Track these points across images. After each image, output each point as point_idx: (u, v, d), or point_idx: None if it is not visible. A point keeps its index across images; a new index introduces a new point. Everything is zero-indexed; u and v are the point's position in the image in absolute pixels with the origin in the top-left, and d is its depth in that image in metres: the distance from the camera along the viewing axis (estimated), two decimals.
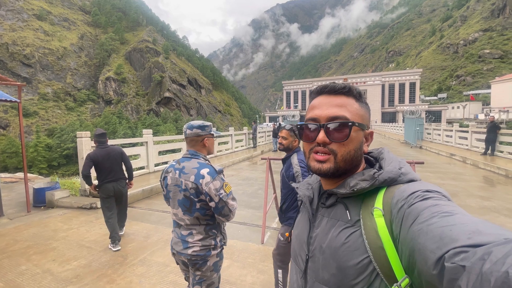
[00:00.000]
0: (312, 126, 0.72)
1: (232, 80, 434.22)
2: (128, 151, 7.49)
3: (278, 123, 19.10)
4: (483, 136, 11.66)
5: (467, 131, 13.99)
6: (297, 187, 0.86)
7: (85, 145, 6.36)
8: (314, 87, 0.72)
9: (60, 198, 5.95)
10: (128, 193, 4.82)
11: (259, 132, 18.67)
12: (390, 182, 0.64)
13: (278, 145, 2.51)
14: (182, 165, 1.79)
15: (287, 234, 1.48)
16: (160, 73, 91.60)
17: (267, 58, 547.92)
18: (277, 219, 4.85)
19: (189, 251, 1.74)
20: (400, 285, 0.53)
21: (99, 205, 5.51)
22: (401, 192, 0.60)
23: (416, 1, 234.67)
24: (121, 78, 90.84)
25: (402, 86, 67.17)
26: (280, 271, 2.53)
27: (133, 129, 66.17)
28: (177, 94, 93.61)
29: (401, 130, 26.83)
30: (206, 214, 1.77)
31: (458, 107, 76.29)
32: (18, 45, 72.86)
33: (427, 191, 0.57)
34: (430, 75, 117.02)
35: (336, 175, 0.70)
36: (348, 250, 0.62)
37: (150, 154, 8.70)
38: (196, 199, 1.72)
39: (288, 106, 78.09)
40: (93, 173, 3.88)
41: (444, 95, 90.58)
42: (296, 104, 76.33)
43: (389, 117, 64.79)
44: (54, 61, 79.26)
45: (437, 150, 14.46)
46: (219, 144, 13.46)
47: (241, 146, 16.19)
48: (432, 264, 0.44)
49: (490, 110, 65.67)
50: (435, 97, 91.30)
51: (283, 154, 2.57)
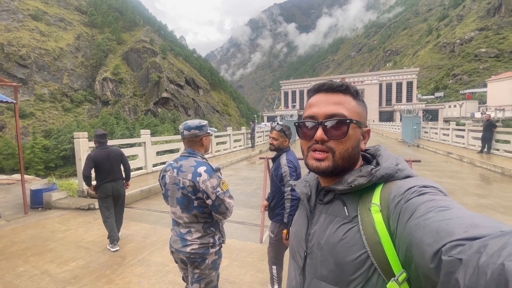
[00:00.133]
0: (310, 123, 0.72)
1: (230, 80, 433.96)
2: (126, 152, 7.45)
3: (276, 123, 19.07)
4: (480, 135, 11.74)
5: (463, 130, 14.07)
6: (294, 185, 0.86)
7: (83, 146, 6.34)
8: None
9: (58, 199, 5.92)
10: (126, 193, 4.81)
11: (257, 132, 18.67)
12: (387, 178, 0.65)
13: (269, 145, 2.60)
14: (180, 163, 1.82)
15: (284, 232, 1.49)
16: (157, 73, 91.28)
17: (265, 58, 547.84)
18: None
19: (188, 249, 1.76)
20: (397, 279, 0.54)
21: (97, 206, 5.49)
22: (398, 188, 0.60)
23: (413, 1, 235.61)
24: (118, 79, 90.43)
25: (399, 85, 67.48)
26: (274, 267, 2.58)
27: (130, 130, 65.94)
28: (175, 94, 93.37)
29: (399, 129, 26.95)
30: (204, 212, 1.78)
31: (455, 106, 76.75)
32: (14, 45, 72.28)
33: (424, 186, 0.58)
34: (427, 74, 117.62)
35: (334, 173, 0.70)
36: (346, 246, 0.62)
37: (148, 155, 8.68)
38: (193, 197, 1.74)
39: (286, 105, 78.21)
40: (92, 173, 3.88)
41: (441, 94, 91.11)
42: (294, 104, 76.47)
43: (386, 116, 65.10)
44: (50, 61, 78.72)
45: (434, 148, 14.53)
46: (217, 144, 13.44)
47: (239, 146, 16.18)
48: (429, 257, 0.45)
49: (487, 109, 66.15)
50: (432, 96, 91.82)
51: None
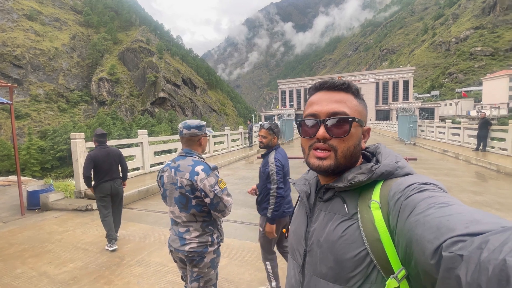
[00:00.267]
0: (311, 122, 0.71)
1: (227, 80, 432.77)
2: (123, 152, 7.36)
3: (273, 122, 19.08)
4: (475, 132, 11.84)
5: (459, 128, 14.19)
6: (294, 183, 0.86)
7: (80, 147, 6.31)
8: (310, 85, 0.74)
9: (55, 200, 5.89)
10: (124, 193, 4.80)
11: (255, 132, 18.67)
12: (387, 176, 0.65)
13: (259, 143, 2.68)
14: (177, 163, 1.84)
15: (284, 230, 1.51)
16: (154, 73, 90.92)
17: (262, 57, 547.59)
18: None
19: (187, 248, 1.77)
20: (396, 276, 0.54)
21: (94, 207, 5.48)
22: (398, 185, 0.60)
23: (409, 0, 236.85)
24: (115, 79, 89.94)
25: (395, 84, 67.81)
26: (268, 262, 2.60)
27: (127, 130, 65.68)
28: (172, 94, 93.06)
29: (395, 127, 27.14)
30: (202, 210, 1.80)
31: (450, 104, 77.32)
32: (8, 45, 71.61)
33: (424, 183, 0.58)
34: (423, 72, 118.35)
35: (336, 172, 0.70)
36: (346, 243, 0.62)
37: (145, 155, 8.66)
38: (191, 196, 1.76)
39: (284, 105, 78.27)
40: (91, 173, 3.92)
41: (436, 92, 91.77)
42: (292, 103, 76.56)
43: (383, 115, 65.40)
44: (45, 61, 78.08)
45: (430, 146, 14.64)
46: (215, 144, 13.43)
47: (237, 146, 16.19)
48: (429, 254, 0.45)
49: (482, 107, 66.77)
50: (428, 95, 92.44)
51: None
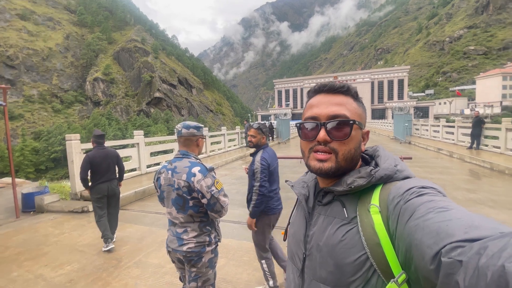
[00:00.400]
0: (311, 124, 0.71)
1: (223, 79, 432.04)
2: (119, 153, 7.38)
3: (269, 122, 19.15)
4: (469, 131, 11.99)
5: (453, 126, 14.36)
6: (292, 185, 0.85)
7: (75, 148, 6.26)
8: (306, 85, 0.79)
9: (50, 202, 5.85)
10: (121, 195, 4.78)
11: None
12: (386, 179, 0.65)
13: (248, 142, 2.74)
14: (174, 165, 1.85)
15: (282, 232, 1.52)
16: (149, 73, 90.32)
17: (258, 57, 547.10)
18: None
19: (184, 248, 1.79)
20: (397, 280, 0.54)
21: (91, 209, 5.44)
22: (397, 189, 0.60)
23: (403, 0, 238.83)
24: (110, 79, 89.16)
25: (390, 83, 68.23)
26: (263, 261, 2.64)
27: (123, 131, 65.21)
28: (168, 94, 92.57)
29: (391, 126, 27.32)
30: (199, 211, 1.82)
31: (444, 103, 78.18)
32: (1, 46, 70.54)
33: (423, 187, 0.58)
34: (418, 72, 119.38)
35: (336, 174, 0.70)
36: (345, 248, 0.62)
37: (141, 156, 8.61)
38: (188, 197, 1.78)
39: (280, 104, 78.32)
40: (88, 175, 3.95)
41: (431, 91, 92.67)
42: (288, 103, 76.62)
43: (378, 114, 65.74)
44: (39, 62, 77.11)
45: (425, 145, 14.79)
46: (211, 144, 13.41)
47: (234, 146, 16.18)
48: (429, 259, 0.45)
49: (475, 105, 67.61)
50: (423, 93, 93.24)
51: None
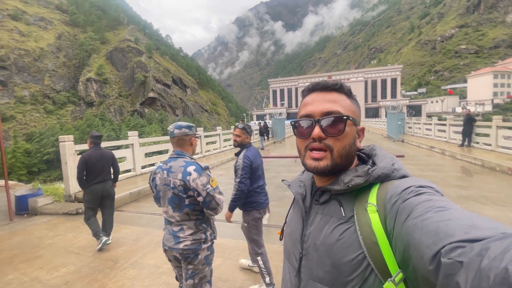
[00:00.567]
0: (306, 122, 0.72)
1: (218, 79, 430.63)
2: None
3: (264, 122, 19.17)
4: (460, 129, 12.15)
5: (445, 124, 14.57)
6: (288, 185, 0.85)
7: (69, 150, 6.20)
8: (301, 84, 0.78)
9: (44, 204, 5.79)
10: (116, 196, 4.76)
11: None
12: (384, 178, 0.65)
13: (233, 142, 2.85)
14: (169, 165, 1.89)
15: (278, 232, 1.56)
16: (143, 73, 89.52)
17: (253, 56, 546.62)
18: (267, 215, 4.93)
19: (181, 246, 1.83)
20: (394, 280, 0.54)
21: None
22: (395, 188, 0.60)
23: None
24: (103, 79, 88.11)
25: (384, 82, 68.86)
26: (259, 258, 2.69)
27: (117, 131, 64.52)
28: (162, 94, 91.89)
29: (384, 125, 27.56)
30: (195, 209, 1.86)
31: (437, 101, 79.35)
32: None
33: (421, 186, 0.58)
34: (410, 70, 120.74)
35: (333, 172, 0.70)
36: (343, 247, 0.62)
37: (136, 157, 8.57)
38: (184, 196, 1.81)
39: (275, 104, 78.43)
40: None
41: (423, 90, 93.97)
42: (283, 102, 76.76)
43: (372, 113, 66.30)
44: (30, 62, 75.81)
45: (418, 143, 14.99)
46: (207, 144, 13.39)
47: (230, 145, 16.15)
48: (428, 259, 0.44)
49: (467, 103, 68.77)
50: (415, 92, 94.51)
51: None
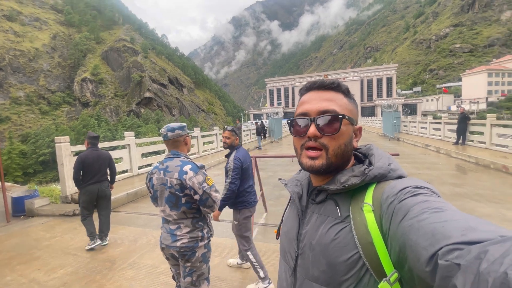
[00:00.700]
0: (302, 121, 0.72)
1: (215, 79, 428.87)
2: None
3: (261, 121, 19.21)
4: (455, 127, 12.26)
5: (440, 123, 14.69)
6: (285, 184, 0.85)
7: (65, 151, 6.18)
8: (298, 84, 0.78)
9: (41, 206, 5.76)
10: (112, 197, 4.77)
11: (244, 130, 18.72)
12: (380, 178, 0.65)
13: (222, 143, 2.91)
14: (166, 165, 1.92)
15: (275, 231, 1.59)
16: (139, 73, 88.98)
17: (249, 56, 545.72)
18: (265, 215, 4.98)
19: (178, 244, 1.86)
20: (389, 279, 0.54)
21: None
22: (391, 188, 0.60)
23: None
24: (98, 79, 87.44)
25: (379, 81, 69.27)
26: (249, 253, 2.73)
27: (113, 132, 64.17)
28: (158, 94, 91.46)
29: (380, 123, 27.69)
30: (192, 207, 1.90)
31: (432, 100, 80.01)
32: None
33: (417, 187, 0.58)
34: (406, 69, 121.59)
35: (328, 171, 0.70)
36: (338, 246, 0.62)
37: (133, 157, 8.55)
38: (181, 194, 1.85)
39: (272, 103, 78.51)
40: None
41: (418, 88, 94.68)
42: (280, 101, 76.88)
43: (368, 112, 66.66)
44: (25, 63, 75.03)
45: (413, 141, 15.10)
46: (204, 144, 13.37)
47: None
48: (424, 261, 0.44)
49: (462, 102, 69.41)
50: (411, 91, 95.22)
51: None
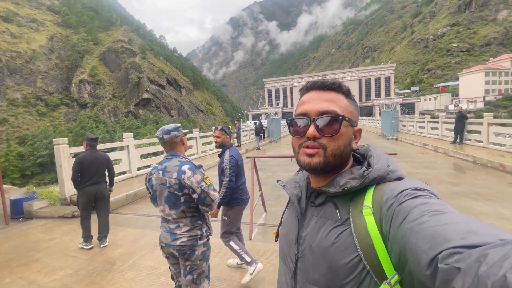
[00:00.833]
0: (302, 121, 0.71)
1: (213, 79, 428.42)
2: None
3: (259, 121, 19.26)
4: (453, 126, 12.33)
5: (437, 122, 14.75)
6: (283, 185, 0.85)
7: (63, 152, 6.16)
8: (296, 84, 0.76)
9: (39, 208, 5.75)
10: (112, 198, 4.78)
11: (243, 131, 18.73)
12: (379, 180, 0.64)
13: (214, 143, 2.99)
14: (164, 165, 1.95)
15: (273, 232, 1.61)
16: (137, 74, 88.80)
17: (247, 56, 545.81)
18: (264, 215, 4.99)
19: (178, 242, 1.89)
20: (390, 282, 0.53)
21: None
22: (391, 190, 0.60)
23: None
24: (96, 80, 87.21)
25: (377, 80, 69.45)
26: (231, 242, 2.79)
27: (111, 133, 63.98)
28: (156, 94, 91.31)
29: (378, 123, 27.77)
30: (191, 206, 1.93)
31: (430, 99, 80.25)
32: None
33: (417, 189, 0.57)
34: (403, 69, 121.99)
35: (325, 170, 0.69)
36: (339, 250, 0.62)
37: (132, 158, 8.54)
38: (180, 194, 1.88)
39: (270, 103, 78.54)
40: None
41: (416, 88, 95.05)
42: (278, 102, 76.93)
43: (366, 111, 66.74)
44: (22, 64, 74.73)
45: (411, 141, 15.15)
46: (203, 144, 13.38)
47: None
48: (425, 264, 0.44)
49: (459, 101, 69.74)
50: (409, 90, 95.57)
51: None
